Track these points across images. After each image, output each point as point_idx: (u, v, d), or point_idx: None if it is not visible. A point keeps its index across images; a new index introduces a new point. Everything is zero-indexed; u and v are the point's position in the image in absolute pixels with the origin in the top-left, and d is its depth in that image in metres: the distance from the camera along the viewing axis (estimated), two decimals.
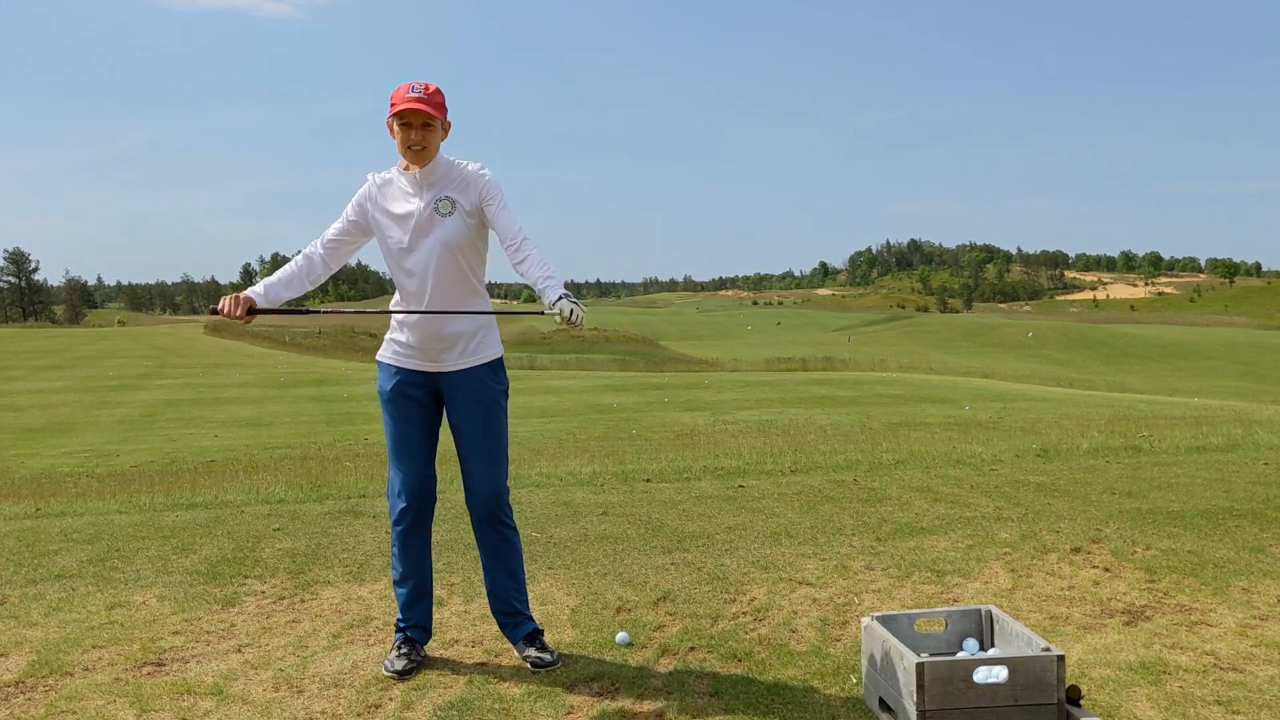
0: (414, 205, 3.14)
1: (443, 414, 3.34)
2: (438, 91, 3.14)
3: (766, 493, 5.97)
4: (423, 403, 3.28)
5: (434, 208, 3.13)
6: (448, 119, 3.19)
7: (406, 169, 3.18)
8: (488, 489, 3.26)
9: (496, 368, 3.29)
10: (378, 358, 3.34)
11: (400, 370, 3.27)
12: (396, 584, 3.35)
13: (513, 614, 3.32)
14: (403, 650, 3.24)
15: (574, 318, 2.94)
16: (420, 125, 3.09)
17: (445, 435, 3.34)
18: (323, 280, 3.31)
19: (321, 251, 3.27)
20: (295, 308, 3.34)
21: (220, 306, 3.16)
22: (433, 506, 3.36)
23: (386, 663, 3.21)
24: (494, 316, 3.27)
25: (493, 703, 2.93)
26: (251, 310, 3.13)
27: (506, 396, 3.32)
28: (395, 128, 3.11)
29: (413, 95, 3.07)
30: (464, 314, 3.18)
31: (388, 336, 3.31)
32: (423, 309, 3.16)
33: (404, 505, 3.29)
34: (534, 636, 3.29)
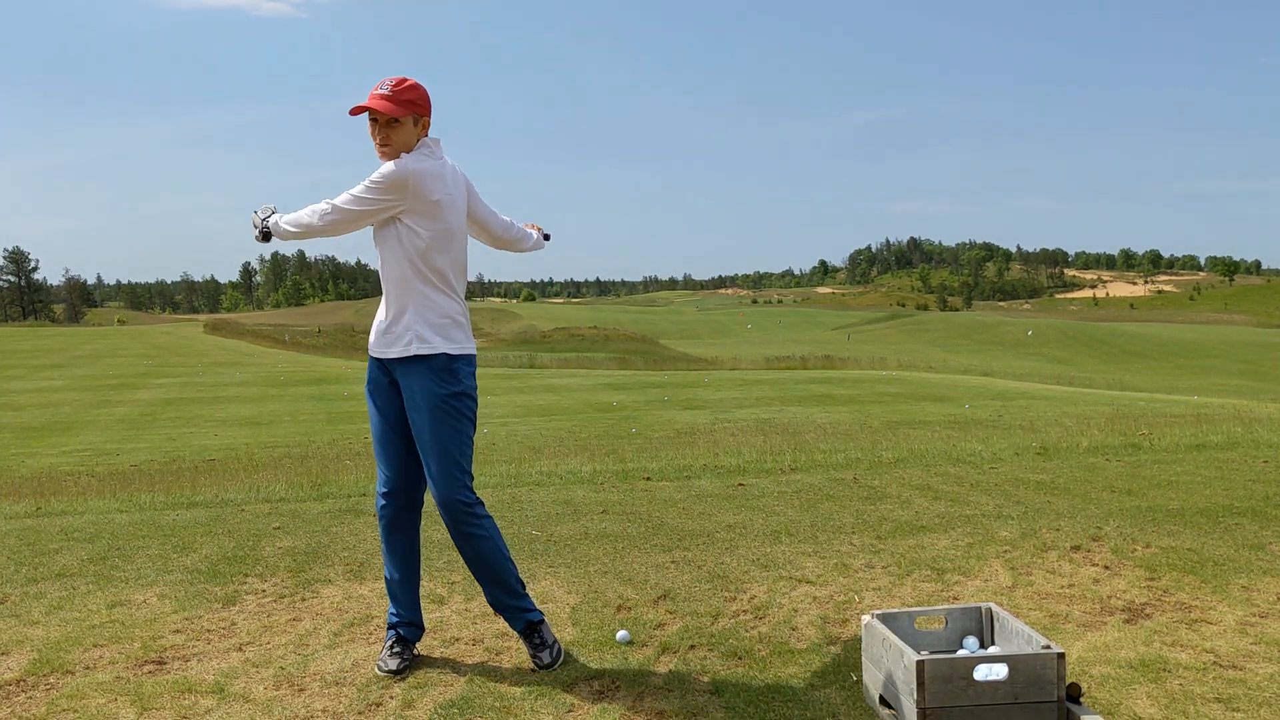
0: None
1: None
2: (411, 87, 3.09)
3: (766, 491, 5.98)
4: (389, 393, 3.24)
5: None
6: (427, 116, 3.14)
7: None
8: (439, 499, 3.16)
9: (437, 367, 3.11)
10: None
11: (370, 359, 3.28)
12: (386, 580, 3.34)
13: (504, 610, 3.30)
14: (395, 649, 3.23)
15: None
16: (385, 123, 3.07)
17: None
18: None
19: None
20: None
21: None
22: (417, 503, 3.30)
23: (379, 662, 3.20)
24: (452, 314, 3.16)
25: (493, 701, 2.93)
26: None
27: (460, 399, 3.13)
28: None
29: (378, 91, 3.06)
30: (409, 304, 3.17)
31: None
32: (385, 298, 3.21)
33: (383, 502, 3.27)
34: (530, 633, 3.27)
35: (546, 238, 3.88)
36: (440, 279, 3.14)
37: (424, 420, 3.12)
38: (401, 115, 3.06)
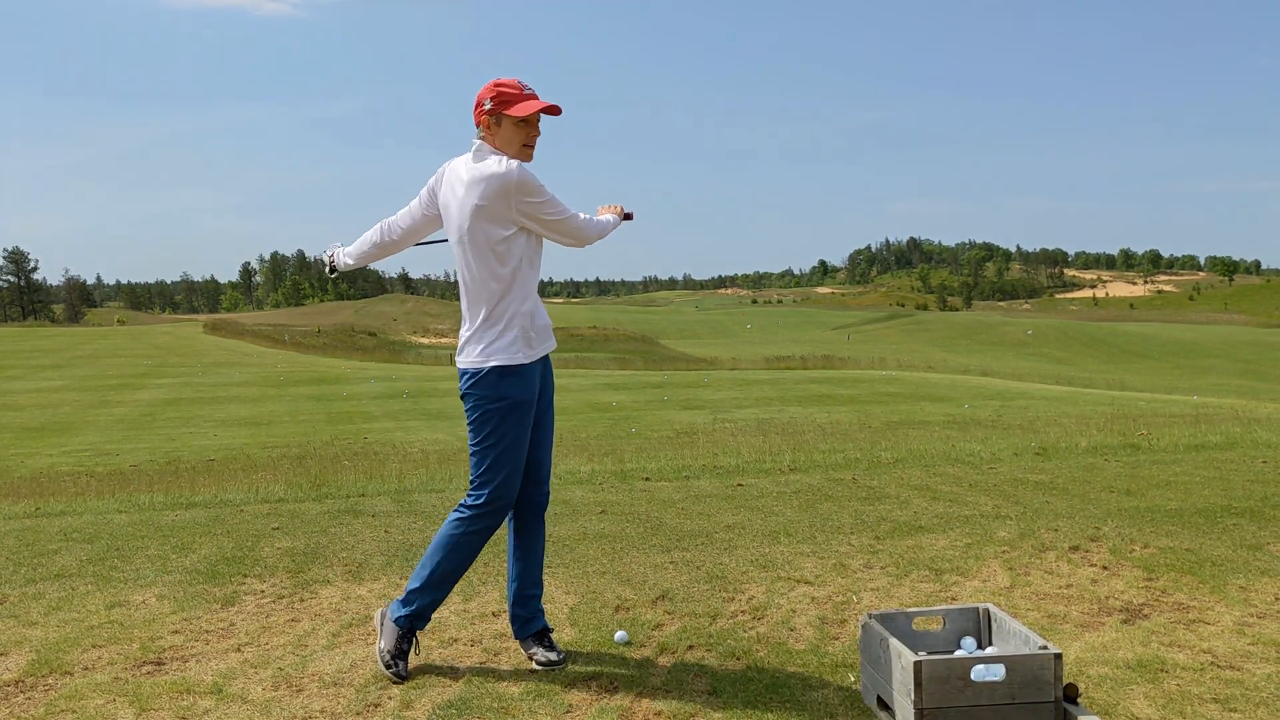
0: None
1: None
2: None
3: (765, 491, 5.98)
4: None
5: None
6: None
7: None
8: (549, 475, 3.34)
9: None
10: (511, 360, 3.10)
11: (532, 365, 3.17)
12: (447, 577, 3.24)
13: (538, 609, 3.32)
14: (404, 649, 3.22)
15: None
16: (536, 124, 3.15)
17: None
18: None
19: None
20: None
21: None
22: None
23: (395, 671, 3.14)
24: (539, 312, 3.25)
25: (492, 701, 2.93)
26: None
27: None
28: (512, 125, 3.10)
29: (530, 91, 3.12)
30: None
31: (517, 330, 3.12)
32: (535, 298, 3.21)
33: (511, 511, 3.32)
34: (543, 635, 3.29)
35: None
36: None
37: (550, 410, 3.32)
38: None
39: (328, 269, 3.55)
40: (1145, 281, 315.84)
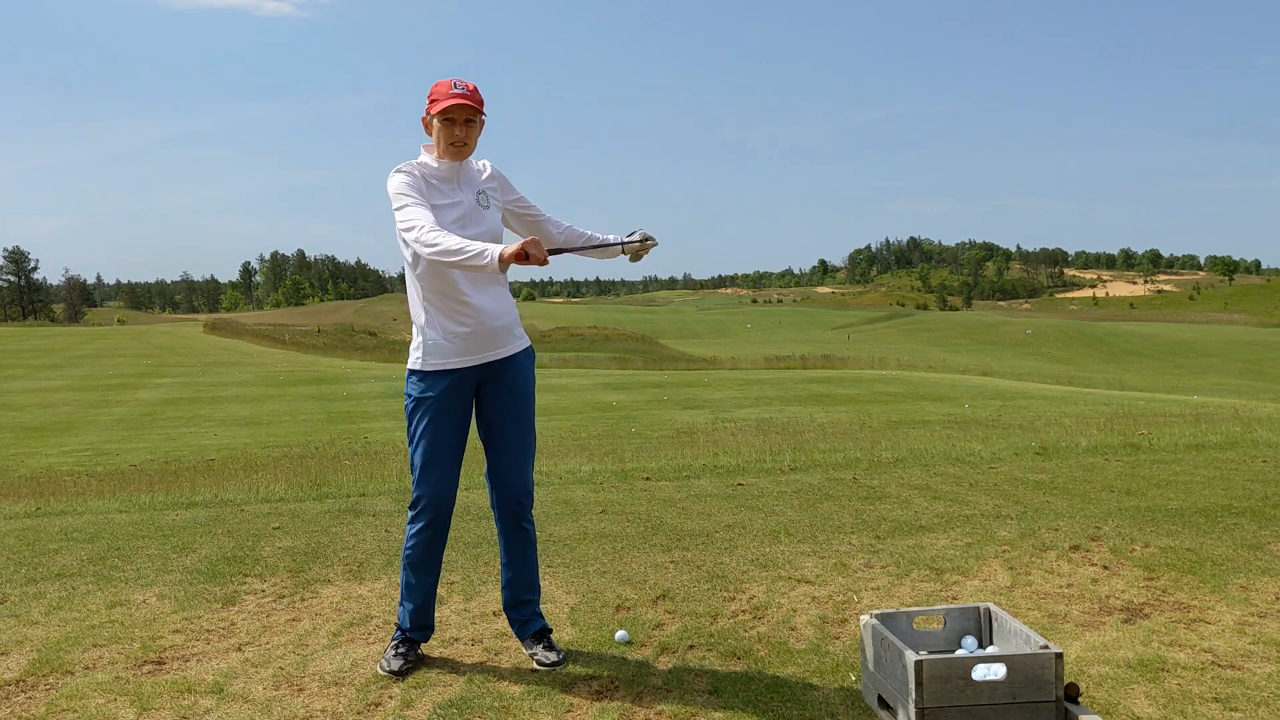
0: (458, 199, 3.15)
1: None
2: (477, 90, 3.16)
3: (766, 491, 5.98)
4: (468, 401, 3.25)
5: (476, 201, 3.17)
6: (484, 116, 3.22)
7: (437, 163, 3.16)
8: (521, 485, 3.26)
9: (532, 356, 3.35)
10: (417, 365, 3.18)
11: (453, 371, 3.18)
12: (411, 587, 3.29)
13: (533, 613, 3.32)
14: (400, 650, 3.23)
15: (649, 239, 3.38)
16: (463, 122, 3.11)
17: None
18: None
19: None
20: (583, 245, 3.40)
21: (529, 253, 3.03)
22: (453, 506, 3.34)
23: (382, 661, 3.21)
24: (516, 312, 3.31)
25: (492, 701, 2.93)
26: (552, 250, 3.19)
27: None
28: (437, 124, 3.11)
29: (456, 92, 3.09)
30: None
31: (428, 337, 3.17)
32: (469, 303, 3.13)
33: (432, 514, 3.25)
34: (542, 634, 3.29)
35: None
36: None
37: (527, 409, 3.28)
38: (482, 115, 3.18)
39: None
40: (1145, 281, 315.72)
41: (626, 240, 3.38)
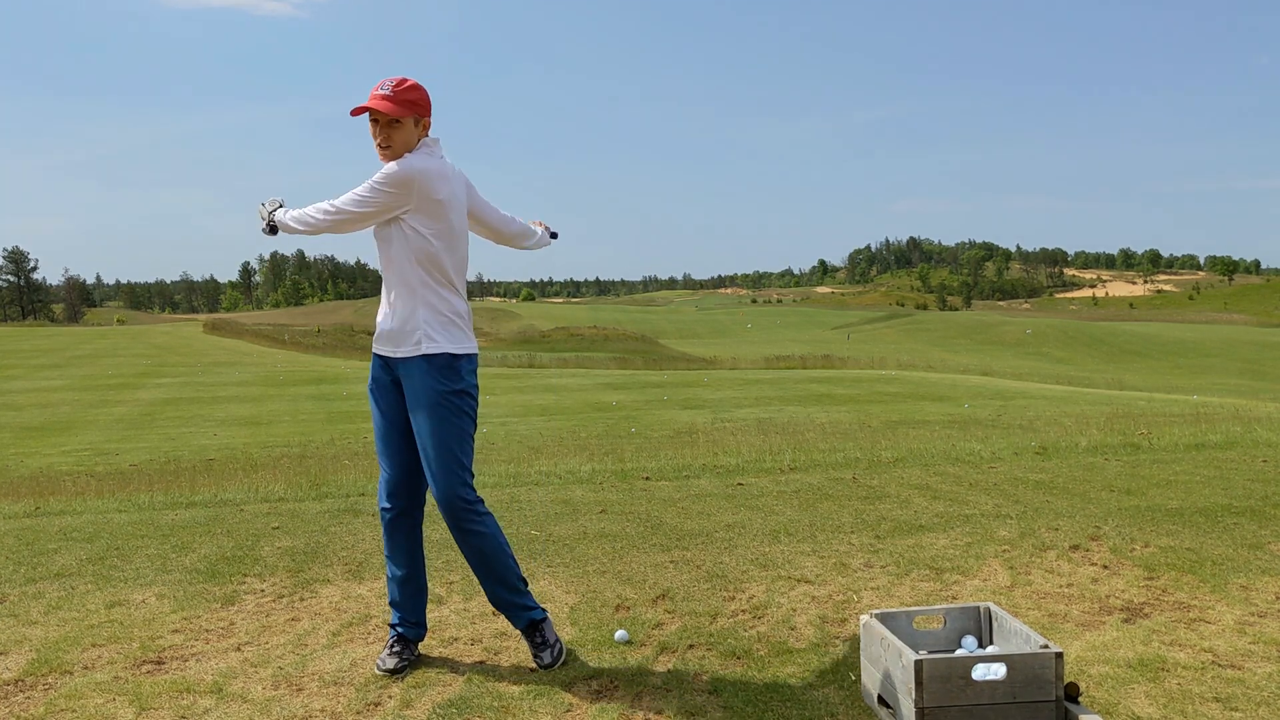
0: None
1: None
2: (412, 88, 3.09)
3: (765, 490, 5.98)
4: (393, 392, 3.24)
5: None
6: (427, 116, 3.14)
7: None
8: (439, 497, 3.16)
9: (441, 365, 3.11)
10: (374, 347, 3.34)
11: (375, 359, 3.28)
12: (389, 580, 3.34)
13: (506, 608, 3.30)
14: (395, 649, 3.24)
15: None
16: (386, 123, 3.07)
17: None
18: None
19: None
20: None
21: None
22: (419, 502, 3.31)
23: (379, 660, 3.21)
24: (457, 313, 3.18)
25: (492, 700, 2.93)
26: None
27: (462, 397, 3.13)
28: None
29: (379, 92, 3.05)
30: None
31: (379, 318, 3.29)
32: (388, 297, 3.20)
33: (386, 503, 3.28)
34: (532, 631, 3.27)
35: (554, 235, 3.92)
36: (444, 278, 3.14)
37: (425, 418, 3.12)
38: (403, 115, 3.06)
39: (265, 226, 3.43)
40: (1145, 281, 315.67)
41: None
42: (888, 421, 18.82)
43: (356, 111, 3.05)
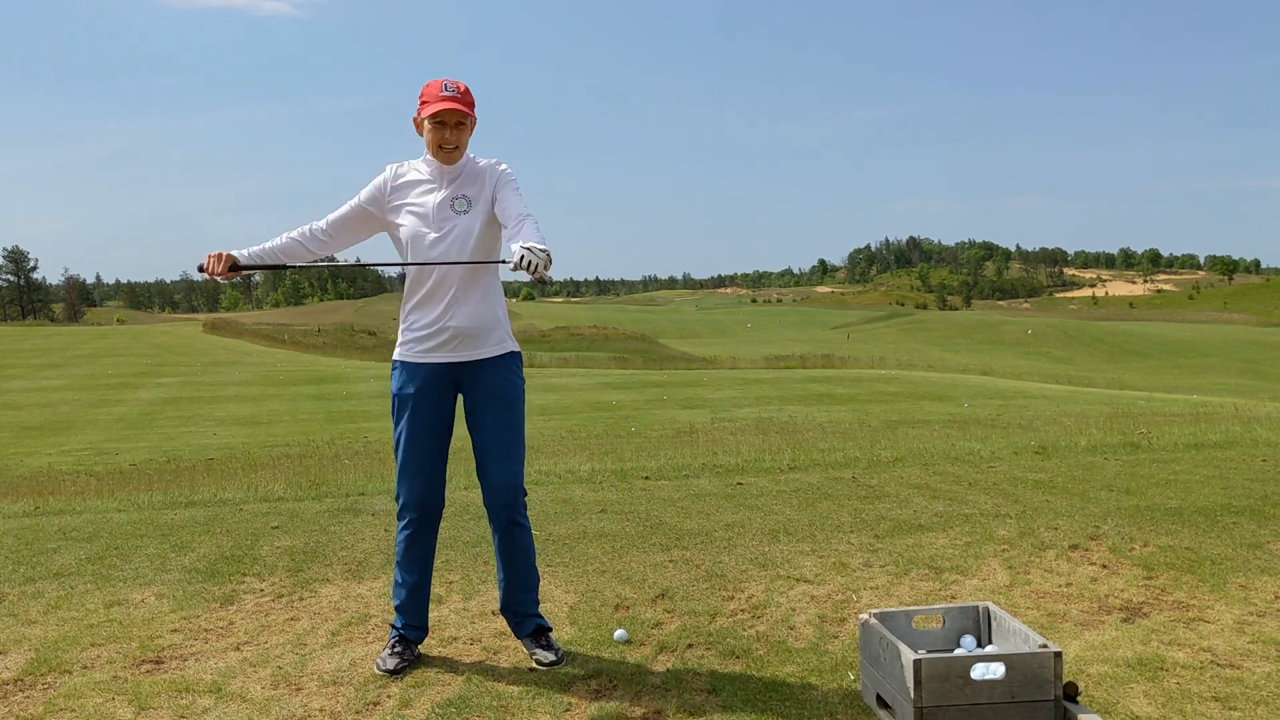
0: (433, 200, 3.14)
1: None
2: (468, 91, 3.15)
3: (765, 490, 5.98)
4: (445, 400, 3.24)
5: (450, 205, 3.13)
6: (474, 116, 3.20)
7: (429, 162, 3.18)
8: (507, 484, 3.21)
9: (518, 363, 3.30)
10: (398, 356, 3.24)
11: (426, 366, 3.20)
12: (397, 585, 3.33)
13: (527, 614, 3.32)
14: (396, 649, 3.24)
15: (529, 265, 2.78)
16: (454, 124, 3.11)
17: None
18: (318, 258, 3.28)
19: (324, 228, 3.25)
20: (279, 265, 3.24)
21: (204, 264, 3.23)
22: (441, 508, 3.34)
23: (379, 660, 3.21)
24: (505, 312, 3.30)
25: (491, 700, 2.93)
26: (234, 267, 3.18)
27: (523, 394, 3.30)
28: (427, 126, 3.11)
29: (447, 94, 3.08)
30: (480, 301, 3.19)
31: (405, 335, 3.23)
32: (440, 304, 3.14)
33: (415, 513, 3.29)
34: (540, 634, 3.29)
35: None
36: (500, 278, 3.23)
37: (503, 410, 3.20)
38: (473, 117, 3.18)
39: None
40: (1145, 281, 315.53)
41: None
42: (887, 421, 18.82)
43: (440, 113, 3.06)
